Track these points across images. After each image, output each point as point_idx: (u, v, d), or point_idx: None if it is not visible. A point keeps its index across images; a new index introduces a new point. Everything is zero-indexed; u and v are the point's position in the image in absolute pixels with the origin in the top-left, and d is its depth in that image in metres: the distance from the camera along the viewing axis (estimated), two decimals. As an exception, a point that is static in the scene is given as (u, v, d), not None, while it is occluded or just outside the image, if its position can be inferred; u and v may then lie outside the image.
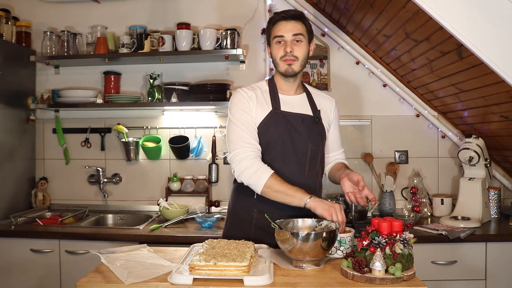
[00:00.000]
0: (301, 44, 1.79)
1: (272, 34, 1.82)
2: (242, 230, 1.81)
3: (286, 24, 1.78)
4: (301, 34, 1.78)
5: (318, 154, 1.85)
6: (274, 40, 1.80)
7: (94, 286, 1.35)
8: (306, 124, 1.83)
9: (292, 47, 1.77)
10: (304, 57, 1.81)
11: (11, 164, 2.81)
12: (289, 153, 1.79)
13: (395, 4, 2.05)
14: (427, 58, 2.33)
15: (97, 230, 2.55)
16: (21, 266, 2.46)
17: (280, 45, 1.79)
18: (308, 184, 1.80)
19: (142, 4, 3.05)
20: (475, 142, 2.58)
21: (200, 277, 1.34)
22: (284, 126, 1.79)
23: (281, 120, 1.80)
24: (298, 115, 1.83)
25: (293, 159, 1.80)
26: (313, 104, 1.89)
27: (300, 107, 1.86)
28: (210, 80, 2.96)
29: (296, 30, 1.78)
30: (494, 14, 1.63)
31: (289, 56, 1.77)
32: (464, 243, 2.28)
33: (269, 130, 1.78)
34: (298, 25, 1.78)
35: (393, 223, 1.43)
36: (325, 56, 2.97)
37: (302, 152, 1.80)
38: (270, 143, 1.78)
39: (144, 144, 2.95)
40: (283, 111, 1.82)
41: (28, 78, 3.01)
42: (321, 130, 1.87)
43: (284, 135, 1.79)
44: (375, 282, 1.32)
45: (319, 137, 1.85)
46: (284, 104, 1.84)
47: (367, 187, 1.71)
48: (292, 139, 1.79)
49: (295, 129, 1.80)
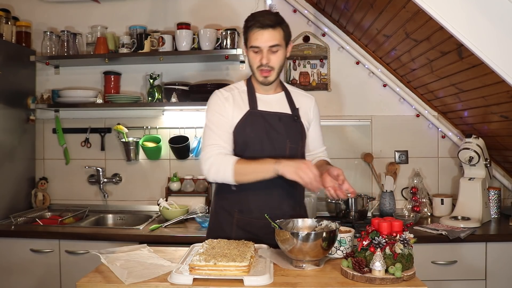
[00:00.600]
0: (278, 53, 1.77)
1: (248, 42, 1.78)
2: (224, 230, 1.81)
3: (263, 33, 1.73)
4: (278, 44, 1.75)
5: (297, 152, 1.85)
6: (251, 48, 1.78)
7: (94, 286, 1.35)
8: (284, 122, 1.83)
9: (268, 58, 1.75)
10: (280, 66, 1.81)
11: (11, 164, 2.81)
12: (268, 152, 1.79)
13: (395, 4, 2.05)
14: (427, 58, 2.33)
15: (97, 230, 2.55)
16: (21, 266, 2.46)
17: (257, 54, 1.77)
18: (287, 181, 1.79)
19: (142, 4, 3.05)
20: (475, 142, 2.58)
21: (200, 277, 1.34)
22: (262, 125, 1.80)
23: (259, 119, 1.80)
24: (275, 114, 1.83)
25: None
26: (292, 103, 1.89)
27: (278, 106, 1.86)
28: (210, 80, 2.95)
29: (272, 41, 1.74)
30: (494, 14, 1.63)
31: (265, 67, 1.76)
32: (464, 243, 2.28)
33: (246, 129, 1.79)
34: (275, 34, 1.74)
35: (393, 223, 1.43)
36: (325, 56, 2.97)
37: (280, 150, 1.80)
38: (248, 142, 1.79)
39: (144, 144, 2.95)
40: (260, 110, 1.82)
41: (28, 78, 3.01)
42: (300, 128, 1.86)
43: (262, 134, 1.79)
44: (375, 282, 1.32)
45: (298, 135, 1.85)
46: (261, 103, 1.84)
47: (347, 180, 1.68)
48: (270, 138, 1.79)
49: (273, 128, 1.80)
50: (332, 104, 2.98)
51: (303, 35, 2.97)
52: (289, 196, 1.84)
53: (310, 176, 1.58)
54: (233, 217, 1.82)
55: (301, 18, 2.96)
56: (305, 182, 1.60)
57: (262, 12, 1.81)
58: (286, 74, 2.98)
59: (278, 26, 1.75)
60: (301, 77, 2.98)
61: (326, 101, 2.97)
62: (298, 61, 2.98)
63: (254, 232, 1.77)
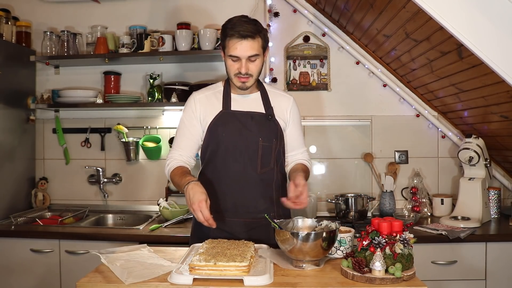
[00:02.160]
0: (256, 61, 1.78)
1: (227, 50, 1.77)
2: (203, 231, 1.81)
3: (241, 43, 1.72)
4: (257, 54, 1.76)
5: (272, 151, 1.85)
6: (229, 57, 1.78)
7: (94, 286, 1.35)
8: (257, 121, 1.85)
9: (247, 67, 1.76)
10: (258, 71, 1.82)
11: (11, 164, 2.81)
12: (240, 150, 1.82)
13: (395, 4, 2.05)
14: (427, 58, 2.33)
15: (97, 230, 2.55)
16: (21, 266, 2.46)
17: (235, 63, 1.78)
18: (262, 179, 1.84)
19: (142, 4, 3.05)
20: (475, 142, 2.58)
21: (200, 277, 1.34)
22: (233, 125, 1.83)
23: (231, 119, 1.84)
24: (248, 113, 1.86)
25: (245, 156, 1.82)
26: (267, 102, 1.90)
27: (252, 105, 1.88)
28: (210, 80, 2.95)
29: (251, 51, 1.74)
30: (494, 14, 1.63)
31: (244, 75, 1.78)
32: (464, 243, 2.28)
33: (218, 129, 1.83)
34: (254, 44, 1.74)
35: (393, 223, 1.43)
36: (325, 56, 2.97)
37: (253, 149, 1.82)
38: (220, 142, 1.82)
39: (144, 144, 2.95)
40: (233, 110, 1.86)
41: (28, 78, 3.01)
42: (274, 127, 1.87)
43: (234, 133, 1.82)
44: (375, 282, 1.32)
45: (272, 133, 1.86)
46: (235, 103, 1.88)
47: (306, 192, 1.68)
48: (242, 136, 1.82)
49: (245, 127, 1.83)
50: (332, 104, 2.98)
51: (303, 35, 2.97)
52: (264, 194, 1.85)
53: (199, 217, 1.57)
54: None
55: (301, 18, 2.96)
56: (200, 220, 1.59)
57: (241, 20, 1.77)
58: (286, 74, 2.98)
59: (257, 36, 1.75)
60: (301, 77, 2.98)
61: (326, 101, 2.97)
62: (298, 61, 2.98)
63: (230, 231, 1.80)
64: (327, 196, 2.84)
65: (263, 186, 1.83)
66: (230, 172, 1.82)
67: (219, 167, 1.84)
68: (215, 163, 1.85)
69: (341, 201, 2.67)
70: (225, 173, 1.83)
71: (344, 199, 2.67)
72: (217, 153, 1.84)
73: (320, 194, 2.89)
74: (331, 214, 2.82)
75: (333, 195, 2.77)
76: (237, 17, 1.80)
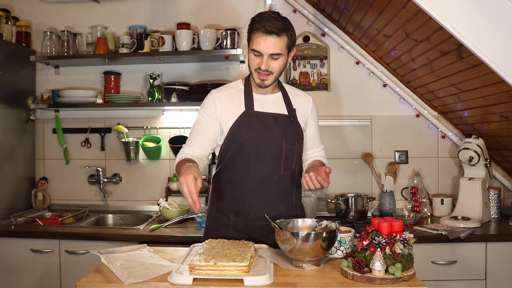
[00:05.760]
0: (279, 60, 1.73)
1: (251, 43, 1.73)
2: (220, 232, 1.80)
3: (266, 39, 1.68)
4: (280, 53, 1.71)
5: (294, 153, 1.83)
6: (252, 51, 1.74)
7: (94, 286, 1.35)
8: (280, 123, 1.81)
9: (267, 64, 1.71)
10: (279, 71, 1.77)
11: (11, 164, 2.81)
12: (263, 153, 1.77)
13: (395, 4, 2.05)
14: (427, 58, 2.33)
15: (97, 230, 2.55)
16: (21, 266, 2.46)
17: (257, 57, 1.73)
18: (284, 182, 1.81)
19: (142, 4, 3.05)
20: (475, 142, 2.58)
21: (200, 277, 1.34)
22: (257, 127, 1.78)
23: (254, 120, 1.78)
24: (272, 115, 1.81)
25: (268, 159, 1.78)
26: (289, 103, 1.86)
27: (275, 106, 1.84)
28: (210, 80, 2.95)
29: (275, 49, 1.69)
30: (494, 14, 1.63)
31: (264, 72, 1.73)
32: (464, 243, 2.28)
33: (242, 131, 1.77)
34: (279, 42, 1.69)
35: (393, 223, 1.43)
36: (325, 56, 2.97)
37: (276, 151, 1.79)
38: (244, 144, 1.77)
39: (144, 144, 2.95)
40: (256, 111, 1.80)
41: (28, 78, 3.01)
42: (296, 129, 1.84)
43: (257, 135, 1.77)
44: (375, 282, 1.32)
45: (295, 136, 1.83)
46: (258, 103, 1.82)
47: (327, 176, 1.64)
48: (265, 139, 1.78)
49: (268, 129, 1.78)
50: (332, 104, 2.98)
51: (303, 35, 2.97)
52: (285, 196, 1.83)
53: (184, 190, 1.47)
54: (229, 219, 1.82)
55: (301, 18, 2.96)
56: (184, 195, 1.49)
57: (270, 16, 1.72)
58: (286, 74, 2.98)
59: (283, 34, 1.70)
60: (301, 77, 2.98)
61: (326, 101, 2.97)
62: (298, 61, 2.98)
63: (250, 234, 1.77)
64: (327, 196, 2.84)
65: (284, 189, 1.79)
66: (252, 175, 1.77)
67: (241, 169, 1.79)
68: (236, 165, 1.80)
69: (341, 201, 2.67)
70: (247, 175, 1.78)
71: (344, 199, 2.67)
72: (239, 155, 1.78)
73: (320, 194, 2.89)
74: (331, 214, 2.82)
75: (333, 195, 2.77)
76: (267, 12, 1.76)
